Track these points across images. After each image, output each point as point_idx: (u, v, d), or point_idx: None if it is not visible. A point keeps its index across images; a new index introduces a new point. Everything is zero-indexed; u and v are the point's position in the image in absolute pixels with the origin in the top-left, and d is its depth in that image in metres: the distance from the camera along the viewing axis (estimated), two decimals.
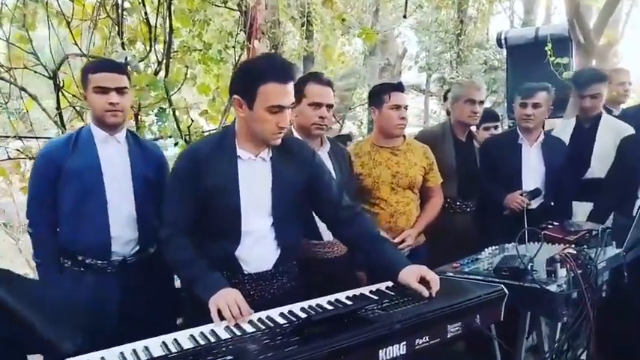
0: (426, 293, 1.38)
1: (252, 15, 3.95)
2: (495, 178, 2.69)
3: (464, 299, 1.41)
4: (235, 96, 1.50)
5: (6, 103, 3.25)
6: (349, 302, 1.45)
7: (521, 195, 2.55)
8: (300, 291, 1.63)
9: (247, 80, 1.47)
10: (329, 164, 2.07)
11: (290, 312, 1.37)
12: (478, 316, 1.40)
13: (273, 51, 4.88)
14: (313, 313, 1.36)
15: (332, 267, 2.03)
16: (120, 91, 1.82)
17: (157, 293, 1.90)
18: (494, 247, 1.98)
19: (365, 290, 1.55)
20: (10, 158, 3.11)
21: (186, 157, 1.56)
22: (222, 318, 1.31)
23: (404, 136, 2.45)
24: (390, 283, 1.58)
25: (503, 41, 4.68)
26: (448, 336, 1.33)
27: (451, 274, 1.72)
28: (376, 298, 1.46)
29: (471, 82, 2.97)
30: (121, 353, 1.13)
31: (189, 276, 1.48)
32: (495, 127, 3.42)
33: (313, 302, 1.45)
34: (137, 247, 1.89)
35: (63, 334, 0.54)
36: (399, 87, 2.34)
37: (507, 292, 1.47)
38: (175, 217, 1.54)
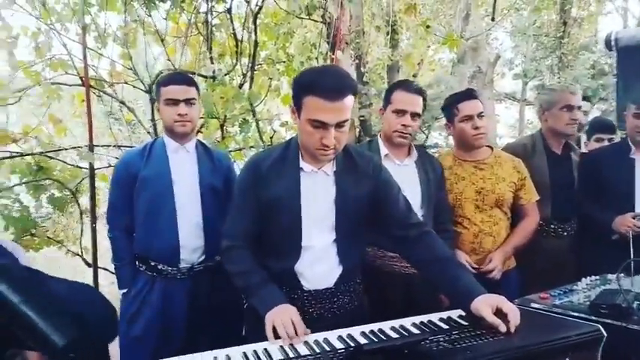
0: (503, 328, 1.21)
1: (335, 26, 3.96)
2: (599, 197, 2.36)
3: (550, 339, 1.20)
4: (291, 104, 1.47)
5: (108, 115, 3.57)
6: (415, 330, 1.32)
7: (634, 218, 2.21)
8: (364, 311, 1.54)
9: (297, 89, 1.42)
10: (415, 175, 1.96)
11: (349, 336, 1.28)
12: None
13: (356, 61, 4.85)
14: (374, 339, 1.26)
15: (409, 284, 1.91)
16: (188, 102, 1.88)
17: (224, 301, 1.92)
18: (593, 278, 1.73)
19: (435, 317, 1.41)
20: (110, 166, 3.38)
21: (249, 168, 1.54)
22: (277, 336, 1.26)
23: (491, 148, 2.24)
24: (463, 312, 1.42)
25: (613, 43, 4.17)
26: None
27: (538, 307, 1.52)
28: (446, 327, 1.32)
29: (565, 87, 2.65)
30: None
31: (247, 287, 1.45)
32: (610, 140, 3.03)
33: (375, 327, 1.35)
34: (204, 256, 1.93)
35: (55, 326, 0.52)
36: (467, 95, 2.14)
37: (605, 333, 1.25)
38: (236, 228, 1.53)
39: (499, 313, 1.26)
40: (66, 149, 3.20)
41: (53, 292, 0.62)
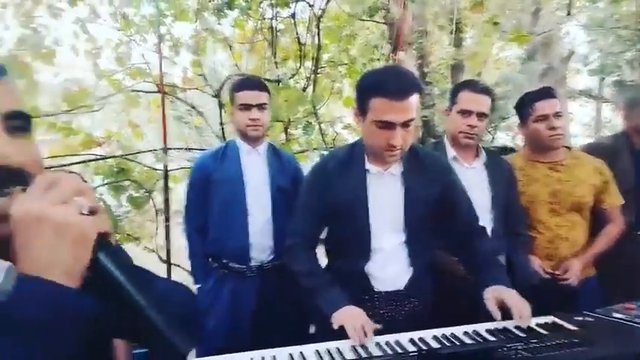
0: (496, 317, 1.32)
1: (398, 26, 3.92)
2: None
3: (634, 350, 1.13)
4: (354, 106, 1.48)
5: (182, 119, 3.77)
6: (490, 337, 1.28)
7: None
8: (435, 316, 1.51)
9: (361, 92, 1.42)
10: (483, 177, 1.90)
11: (421, 339, 1.27)
12: None
13: (419, 61, 4.77)
14: (446, 343, 1.24)
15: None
16: (260, 107, 1.94)
17: (292, 300, 1.95)
18: None
19: (510, 324, 1.36)
20: (182, 167, 3.57)
21: (316, 171, 1.57)
22: (345, 336, 1.27)
23: (569, 148, 2.12)
24: (541, 320, 1.36)
25: None
26: None
27: (621, 317, 1.41)
28: (523, 336, 1.27)
29: None
30: (251, 359, 1.17)
31: (310, 286, 1.47)
32: None
33: (448, 331, 1.33)
34: (273, 255, 1.98)
35: (180, 331, 0.55)
36: (544, 94, 2.02)
37: None
38: (300, 228, 1.56)
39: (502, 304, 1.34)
40: (143, 152, 3.42)
41: (161, 292, 0.67)
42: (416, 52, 4.61)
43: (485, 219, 1.86)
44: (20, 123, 0.61)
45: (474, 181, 1.86)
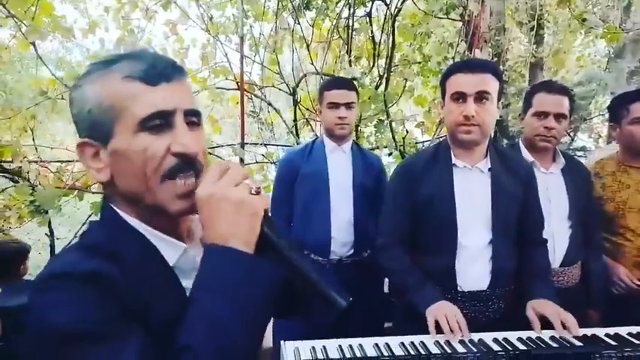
0: (536, 327, 1.34)
1: (474, 24, 3.83)
2: None
3: None
4: (440, 100, 1.57)
5: (257, 115, 3.93)
6: (577, 342, 1.26)
7: None
8: (518, 318, 1.50)
9: (442, 77, 1.54)
10: (561, 183, 1.84)
11: (505, 339, 1.28)
12: None
13: (495, 59, 4.62)
14: (532, 345, 1.24)
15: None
16: (348, 106, 1.99)
17: (368, 295, 2.01)
18: None
19: (599, 332, 1.33)
20: (257, 162, 3.73)
21: (402, 172, 1.61)
22: (439, 331, 1.31)
23: None
24: (633, 330, 1.32)
25: None
26: None
27: None
28: (614, 344, 1.24)
29: None
30: (339, 345, 1.24)
31: (405, 284, 1.51)
32: None
33: (533, 334, 1.32)
34: (352, 250, 2.03)
35: (335, 289, 0.65)
36: None
37: None
38: (391, 228, 1.60)
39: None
40: (222, 146, 3.61)
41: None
42: (492, 50, 4.47)
43: (564, 226, 1.82)
44: (196, 119, 0.73)
45: (553, 187, 1.82)
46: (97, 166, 0.70)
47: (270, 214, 0.68)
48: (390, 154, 3.75)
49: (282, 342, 1.24)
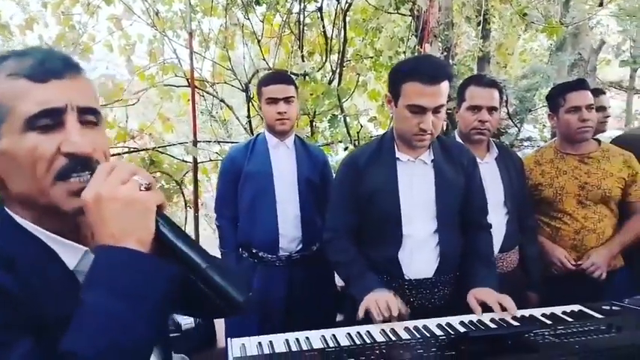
0: (477, 313, 1.36)
1: (424, 19, 3.91)
2: None
3: None
4: (387, 93, 1.55)
5: (209, 112, 3.87)
6: (515, 323, 1.32)
7: None
8: (462, 304, 1.55)
9: (395, 77, 1.50)
10: (496, 172, 1.92)
11: (448, 324, 1.32)
12: None
13: (445, 54, 4.74)
14: (473, 328, 1.29)
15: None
16: (287, 100, 1.98)
17: (319, 289, 2.02)
18: None
19: (536, 312, 1.39)
20: (210, 160, 3.67)
21: (347, 164, 1.63)
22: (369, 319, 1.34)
23: (598, 142, 2.12)
24: (567, 308, 1.39)
25: None
26: None
27: None
28: (549, 322, 1.30)
29: None
30: (286, 340, 1.24)
31: (347, 276, 1.54)
32: None
33: (474, 317, 1.37)
34: (300, 245, 2.04)
35: (234, 283, 0.62)
36: (577, 85, 2.03)
37: None
38: (337, 221, 1.62)
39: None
40: (174, 145, 3.53)
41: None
42: (441, 45, 4.59)
43: (500, 213, 1.90)
44: (92, 117, 0.70)
45: (488, 176, 1.88)
46: None
47: (165, 210, 0.65)
48: (345, 149, 3.78)
49: (228, 339, 1.22)
